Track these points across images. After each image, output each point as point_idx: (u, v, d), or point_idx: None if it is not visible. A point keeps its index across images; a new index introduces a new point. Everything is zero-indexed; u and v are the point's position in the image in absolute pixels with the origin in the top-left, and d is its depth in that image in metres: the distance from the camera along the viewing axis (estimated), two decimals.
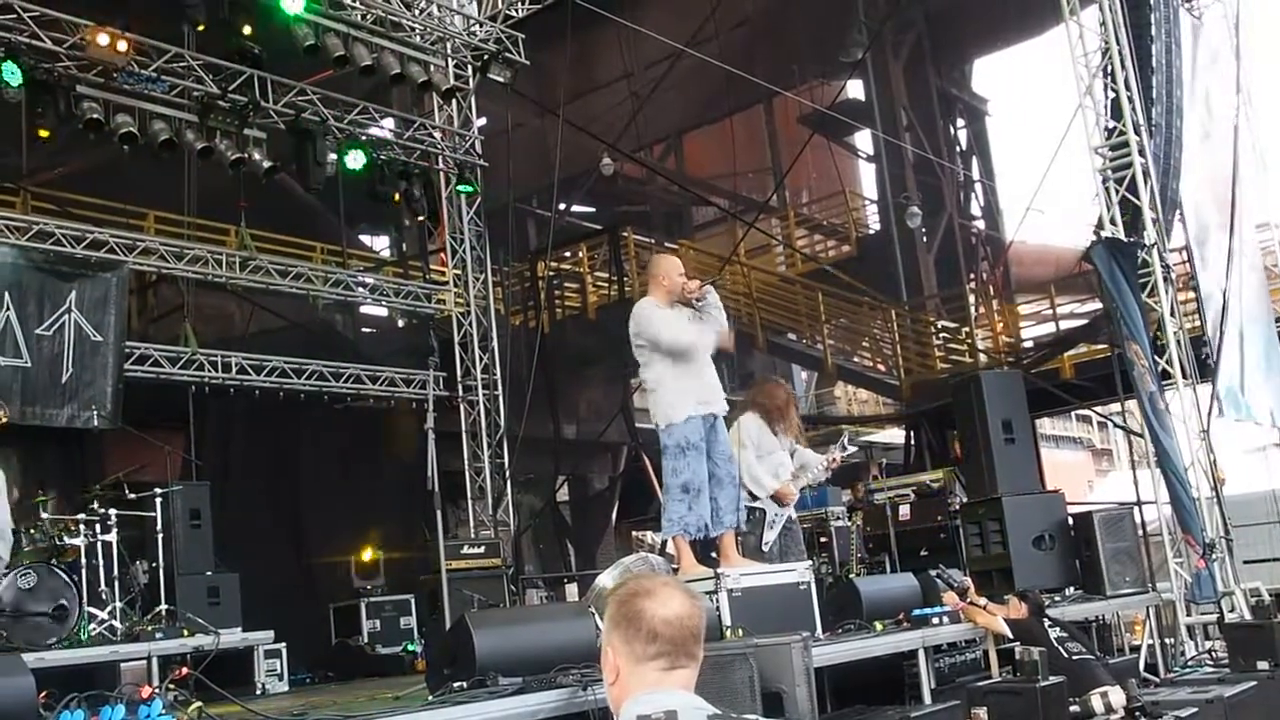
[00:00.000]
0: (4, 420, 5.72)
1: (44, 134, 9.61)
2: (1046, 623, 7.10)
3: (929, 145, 19.54)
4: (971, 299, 19.33)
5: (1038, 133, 25.04)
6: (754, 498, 7.68)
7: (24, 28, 9.34)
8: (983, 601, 7.45)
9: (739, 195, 23.91)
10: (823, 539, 11.04)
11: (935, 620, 7.03)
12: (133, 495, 9.38)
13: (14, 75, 9.09)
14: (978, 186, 21.44)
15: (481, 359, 13.11)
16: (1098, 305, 16.24)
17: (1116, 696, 6.32)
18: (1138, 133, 9.81)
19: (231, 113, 10.65)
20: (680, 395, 6.65)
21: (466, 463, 12.89)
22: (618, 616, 2.52)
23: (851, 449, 9.64)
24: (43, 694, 3.93)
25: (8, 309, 9.84)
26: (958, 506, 10.85)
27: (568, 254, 19.76)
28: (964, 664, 7.56)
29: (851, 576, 9.65)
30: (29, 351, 9.94)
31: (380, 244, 23.43)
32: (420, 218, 12.74)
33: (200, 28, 10.26)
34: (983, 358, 17.26)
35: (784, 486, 7.77)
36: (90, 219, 11.87)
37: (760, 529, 7.68)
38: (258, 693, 8.98)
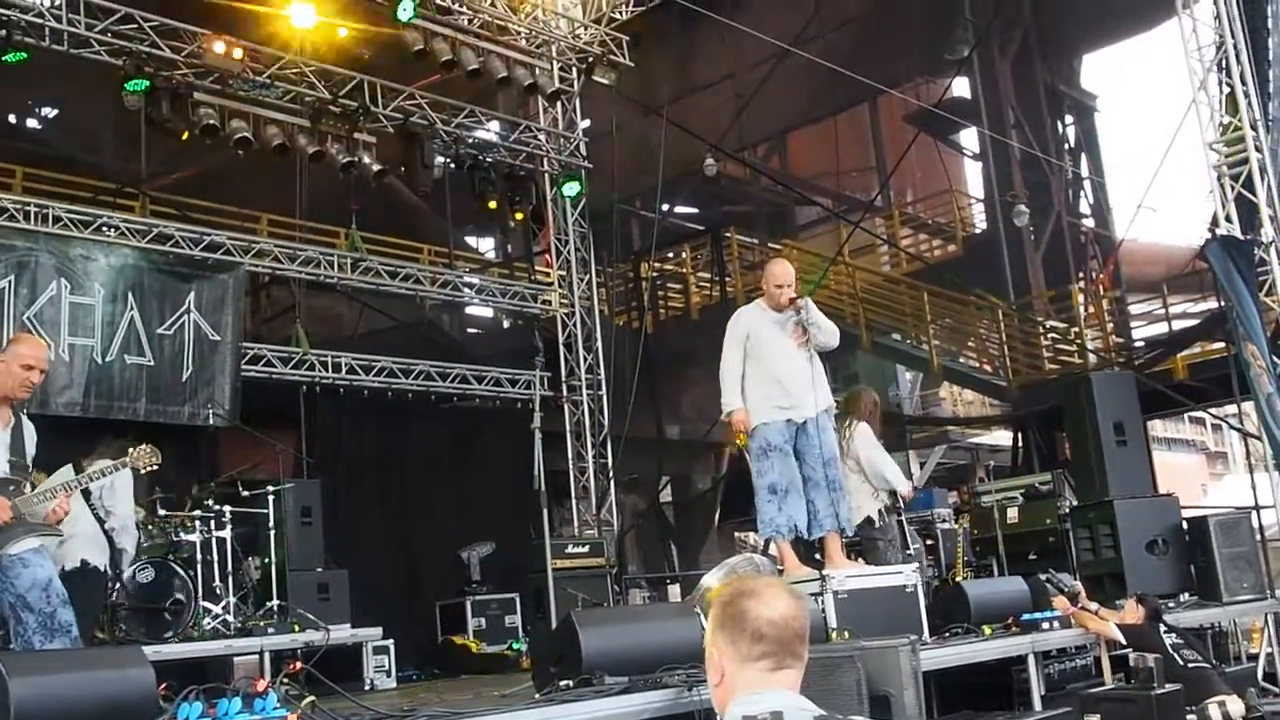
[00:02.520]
0: (155, 466, 5.88)
1: (184, 137, 9.89)
2: (1162, 629, 6.91)
3: (1036, 143, 19.13)
4: (1080, 298, 18.87)
5: (1149, 129, 24.36)
6: (894, 507, 7.82)
7: (145, 37, 9.65)
8: (1094, 607, 7.27)
9: (843, 195, 23.68)
10: (928, 541, 10.88)
11: (1045, 625, 6.88)
12: (246, 493, 9.57)
13: (138, 85, 9.41)
14: (1087, 184, 20.93)
15: (585, 359, 13.19)
16: (1212, 304, 15.78)
17: (1235, 706, 6.13)
18: (1254, 128, 9.53)
19: (342, 117, 10.87)
20: (758, 399, 6.78)
21: (570, 462, 12.98)
22: (722, 617, 2.52)
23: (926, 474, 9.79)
24: (162, 686, 4.02)
25: (131, 309, 10.18)
26: (1067, 510, 10.61)
27: (671, 255, 19.80)
28: (1074, 670, 7.41)
29: (958, 580, 9.51)
30: (152, 350, 10.28)
31: (486, 245, 23.72)
32: (525, 218, 12.86)
33: (310, 32, 10.48)
34: (1092, 358, 16.85)
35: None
36: (206, 222, 12.22)
37: (896, 549, 7.76)
38: (366, 688, 9.10)
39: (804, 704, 2.46)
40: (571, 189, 12.74)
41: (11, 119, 17.64)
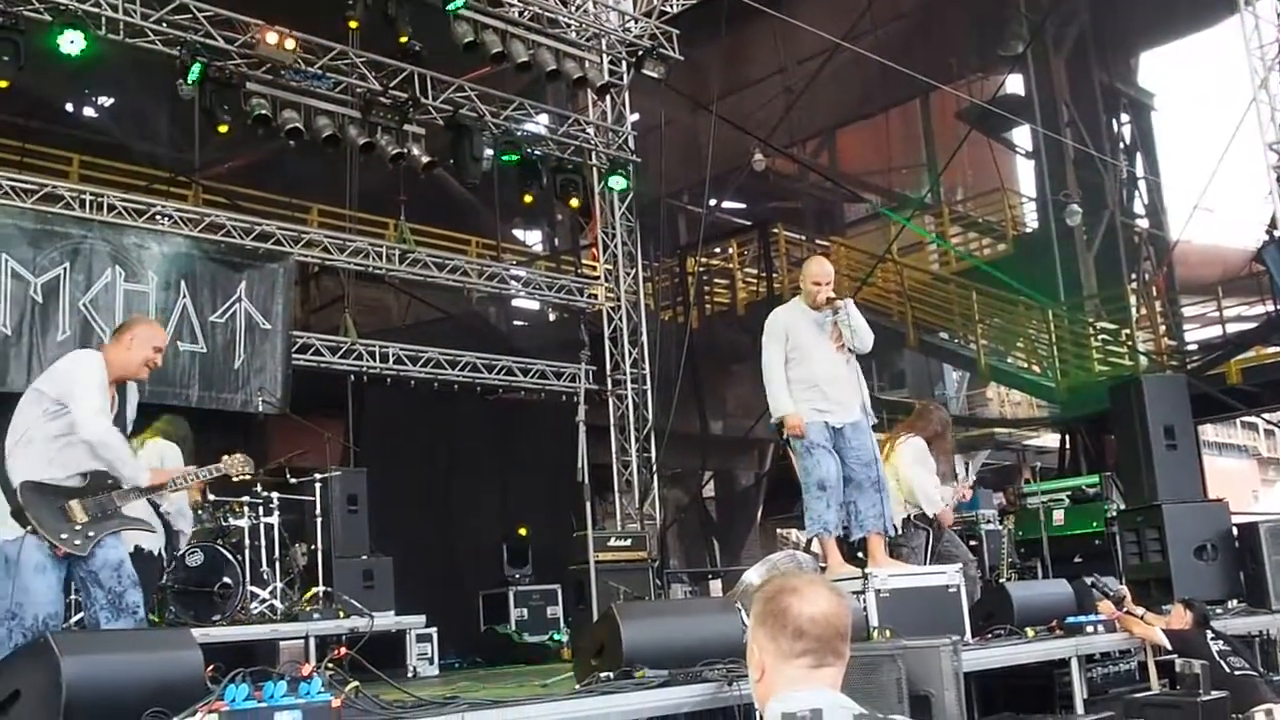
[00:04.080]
0: (247, 476, 5.99)
1: (223, 129, 10.01)
2: (1209, 635, 6.81)
3: (1091, 141, 18.89)
4: (1133, 300, 18.64)
5: (1207, 129, 24.02)
6: (923, 521, 7.75)
7: (199, 27, 9.76)
8: (1140, 611, 7.19)
9: (893, 191, 23.54)
10: (972, 542, 10.81)
11: (1090, 629, 6.82)
12: (294, 480, 9.65)
13: (192, 75, 9.52)
14: (1142, 184, 20.65)
15: (631, 353, 13.20)
16: (1269, 308, 15.56)
17: None
18: None
19: (392, 109, 10.93)
20: (797, 402, 6.76)
21: (614, 456, 13.00)
22: (764, 613, 2.53)
23: (973, 478, 9.86)
24: (209, 667, 4.08)
25: (184, 297, 10.33)
26: (1114, 513, 10.50)
27: (718, 250, 19.77)
28: (1118, 675, 7.33)
29: (1002, 581, 9.44)
30: (205, 338, 10.43)
31: (533, 238, 23.81)
32: (573, 211, 12.90)
33: (354, 25, 10.55)
34: (1143, 361, 16.65)
35: (946, 511, 7.91)
36: (257, 211, 12.35)
37: (922, 557, 7.68)
38: (409, 675, 9.17)
39: (844, 701, 2.46)
40: (619, 183, 12.74)
41: (69, 108, 17.91)
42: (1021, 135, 21.51)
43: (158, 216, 10.46)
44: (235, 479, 5.90)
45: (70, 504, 5.08)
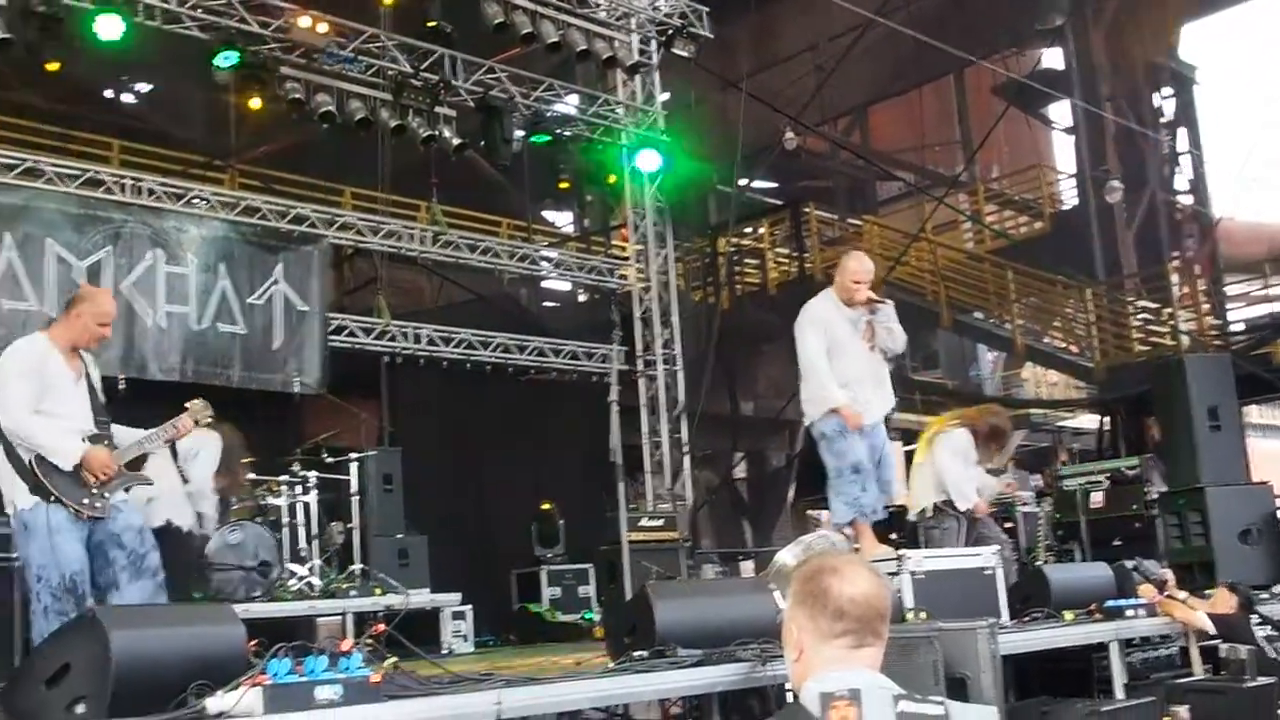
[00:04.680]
0: (209, 417, 6.07)
1: (254, 107, 10.07)
2: (1254, 620, 6.72)
3: (1132, 116, 18.68)
4: (1174, 278, 18.44)
5: (1252, 102, 23.66)
6: (953, 509, 7.70)
7: (234, 13, 9.80)
8: (1182, 595, 7.11)
9: (926, 169, 23.37)
10: (1008, 525, 10.72)
11: (1130, 612, 6.74)
12: (330, 459, 9.77)
13: (228, 60, 9.57)
14: (1184, 159, 20.40)
15: (662, 334, 13.18)
16: None
17: None
18: None
19: (423, 91, 10.95)
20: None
21: (645, 437, 13.00)
22: (803, 593, 2.51)
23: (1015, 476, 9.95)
24: (252, 642, 4.13)
25: (223, 279, 10.44)
26: (1155, 495, 10.39)
27: (749, 230, 19.67)
28: (1158, 660, 7.24)
29: (1039, 564, 9.36)
30: (244, 319, 10.53)
31: (563, 219, 23.80)
32: (603, 192, 12.89)
33: (389, 2, 10.58)
34: (1185, 340, 16.47)
35: (981, 503, 7.87)
36: (292, 195, 12.42)
37: (953, 541, 7.64)
38: (444, 652, 9.20)
39: (883, 682, 2.45)
40: (649, 163, 12.69)
41: (108, 94, 18.06)
42: (1059, 110, 21.30)
43: (195, 200, 10.55)
44: (201, 423, 5.92)
45: (81, 472, 5.24)
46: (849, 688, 2.38)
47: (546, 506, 11.82)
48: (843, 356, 6.78)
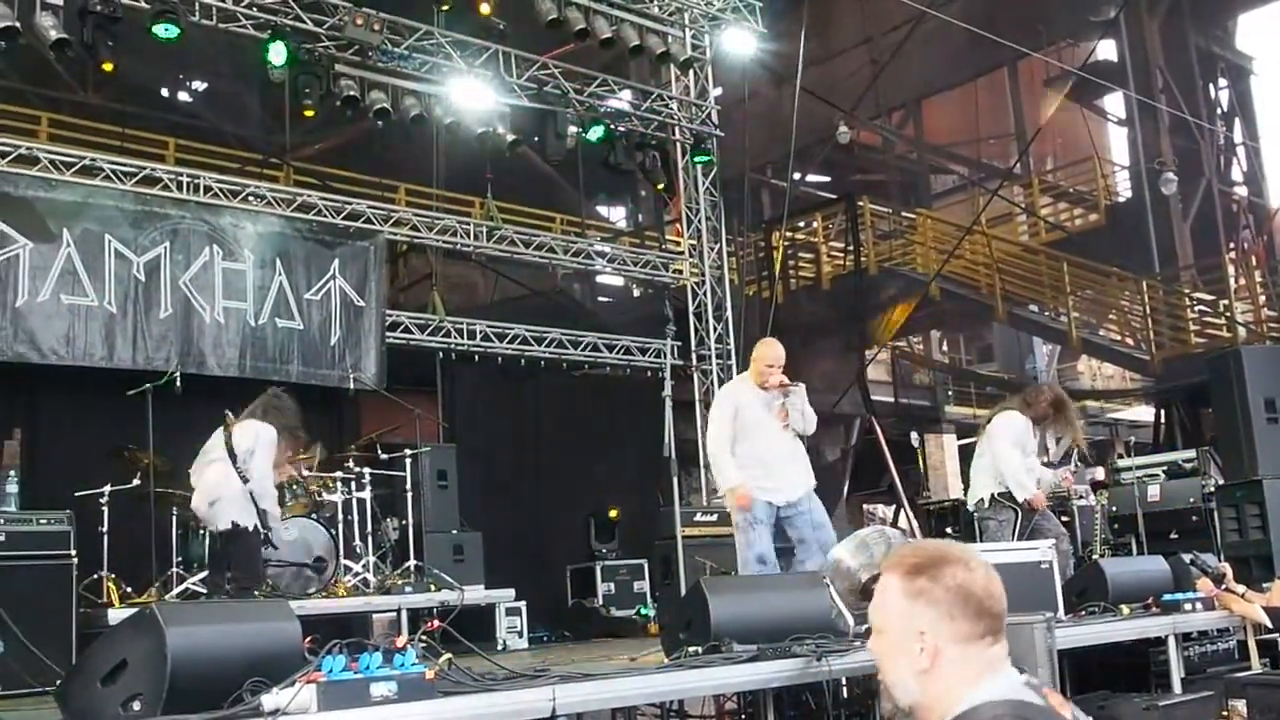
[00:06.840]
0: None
1: (309, 113, 10.18)
2: None
3: (1187, 107, 18.38)
4: (1231, 270, 18.14)
5: None
6: (1010, 500, 7.66)
7: (289, 10, 9.92)
8: (1240, 589, 7.03)
9: (980, 162, 23.15)
10: (1065, 518, 10.61)
11: (1187, 606, 6.68)
12: (385, 456, 9.78)
13: (280, 55, 9.66)
14: (1240, 150, 20.08)
15: (715, 329, 13.17)
16: None
17: None
18: None
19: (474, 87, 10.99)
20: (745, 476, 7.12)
21: (699, 431, 12.97)
22: (932, 590, 2.22)
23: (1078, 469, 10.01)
24: (308, 639, 4.17)
25: (280, 275, 10.52)
26: (1213, 488, 10.25)
27: (802, 224, 19.60)
28: (1216, 654, 7.17)
29: (1095, 557, 9.28)
30: (301, 315, 10.62)
31: (617, 215, 23.84)
32: (658, 187, 12.88)
33: (446, 8, 10.64)
34: (1242, 332, 16.21)
35: (1039, 494, 7.83)
36: (347, 191, 12.53)
37: (1010, 532, 7.60)
38: (499, 648, 9.23)
39: (1022, 678, 2.27)
40: (703, 158, 12.69)
41: (164, 93, 18.31)
42: (1114, 102, 21.04)
43: (251, 197, 10.65)
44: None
45: None
46: (1033, 700, 2.17)
47: (613, 514, 11.83)
48: (756, 436, 7.18)
